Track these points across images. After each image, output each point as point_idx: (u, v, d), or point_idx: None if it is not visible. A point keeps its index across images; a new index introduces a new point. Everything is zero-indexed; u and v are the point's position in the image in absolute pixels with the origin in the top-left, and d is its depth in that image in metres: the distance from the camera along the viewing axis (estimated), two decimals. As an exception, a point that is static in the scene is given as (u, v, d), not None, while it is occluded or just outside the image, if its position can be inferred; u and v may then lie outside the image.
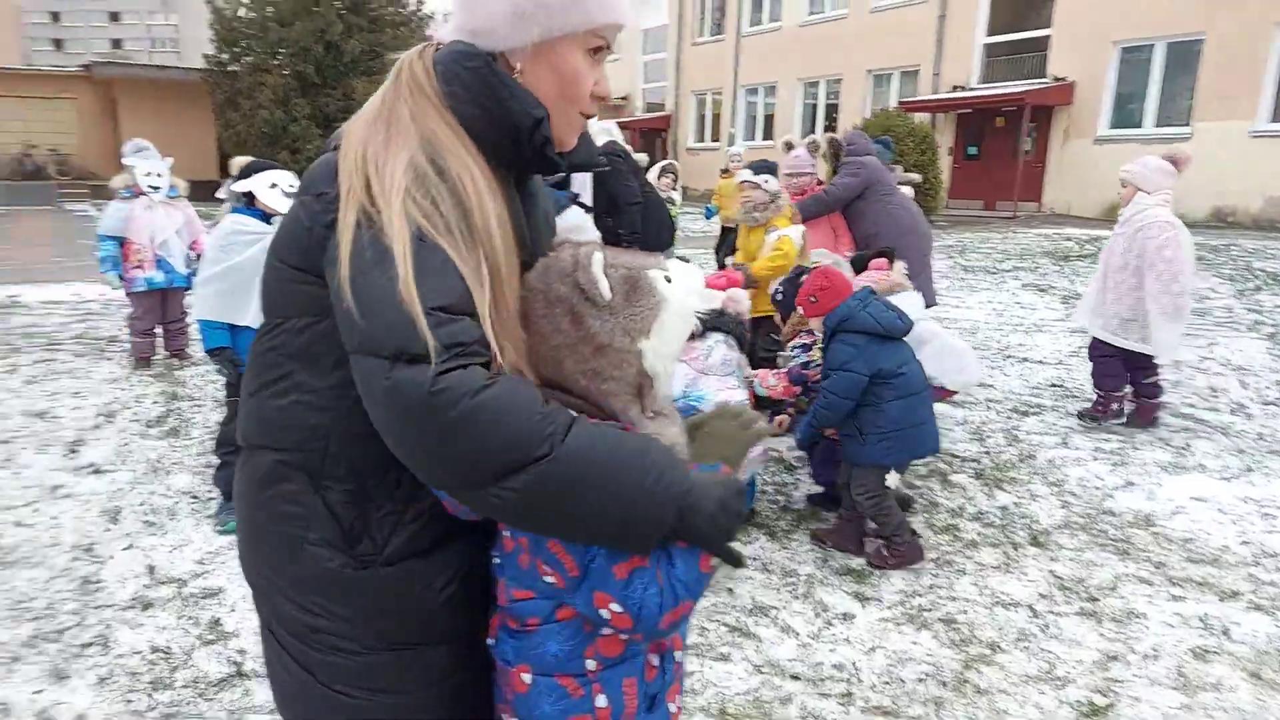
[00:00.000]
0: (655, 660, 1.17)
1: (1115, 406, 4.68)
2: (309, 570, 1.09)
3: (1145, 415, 4.63)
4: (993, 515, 3.57)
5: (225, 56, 21.70)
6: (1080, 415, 4.75)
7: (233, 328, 3.23)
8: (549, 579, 1.05)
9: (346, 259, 0.96)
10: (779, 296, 3.59)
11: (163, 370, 5.62)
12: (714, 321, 3.27)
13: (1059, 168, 16.76)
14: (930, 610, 2.83)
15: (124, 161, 5.51)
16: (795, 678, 2.46)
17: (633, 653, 1.13)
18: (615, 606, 1.02)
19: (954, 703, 2.35)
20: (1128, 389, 4.68)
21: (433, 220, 0.97)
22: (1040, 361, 5.98)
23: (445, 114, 1.05)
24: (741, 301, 3.53)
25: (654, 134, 28.93)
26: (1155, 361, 4.60)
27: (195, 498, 3.57)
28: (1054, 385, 5.44)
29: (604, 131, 3.79)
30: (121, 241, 5.42)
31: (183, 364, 5.77)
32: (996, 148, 18.28)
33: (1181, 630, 2.72)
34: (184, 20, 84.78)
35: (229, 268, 3.19)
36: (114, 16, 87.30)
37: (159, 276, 5.45)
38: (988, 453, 4.28)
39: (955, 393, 3.99)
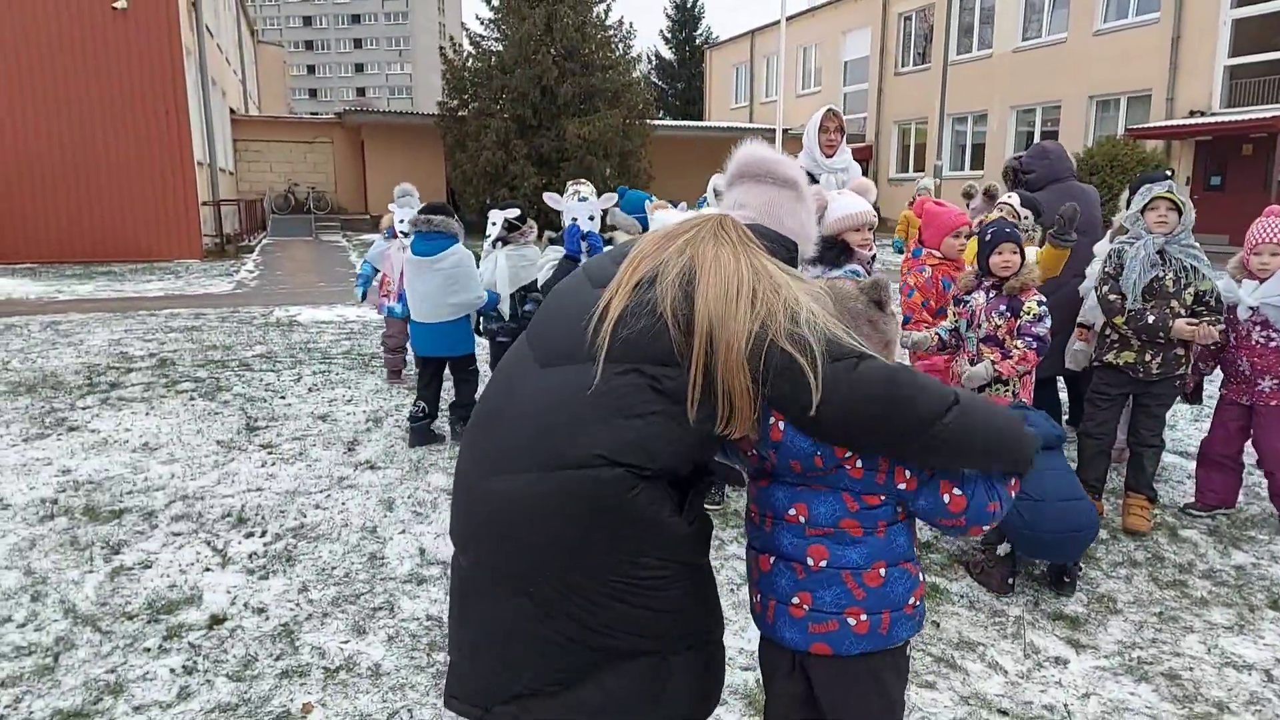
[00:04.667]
0: None
1: None
2: None
3: None
4: (1226, 574, 3.40)
5: (455, 103, 23.80)
6: None
7: None
8: (902, 485, 1.55)
9: None
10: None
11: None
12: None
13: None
14: (1151, 664, 2.78)
15: (390, 206, 6.24)
16: (1004, 713, 2.51)
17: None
18: (956, 491, 1.56)
19: (1176, 756, 2.33)
20: None
21: None
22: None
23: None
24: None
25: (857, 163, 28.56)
26: None
27: (449, 493, 4.11)
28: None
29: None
30: (378, 270, 6.26)
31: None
32: (1243, 178, 16.67)
33: None
34: (417, 70, 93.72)
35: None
36: (359, 68, 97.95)
37: (399, 308, 5.91)
38: (1224, 509, 4.03)
39: None
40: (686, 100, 45.76)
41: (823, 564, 1.58)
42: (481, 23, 23.60)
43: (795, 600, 1.60)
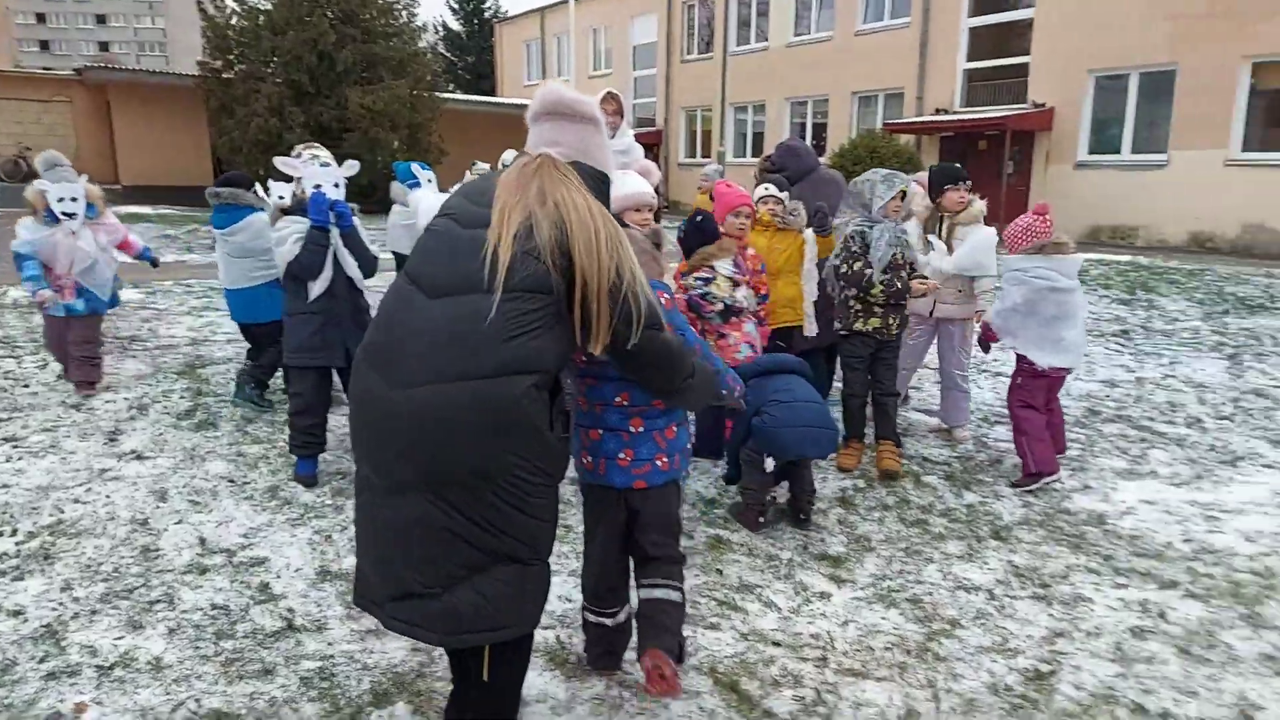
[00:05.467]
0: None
1: None
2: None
3: None
4: (959, 512, 3.94)
5: (219, 64, 21.92)
6: None
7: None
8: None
9: None
10: (681, 235, 4.13)
11: (185, 369, 5.92)
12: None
13: (1041, 191, 17.26)
14: (899, 591, 3.18)
15: (36, 184, 5.03)
16: (777, 644, 2.80)
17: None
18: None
19: (916, 667, 2.69)
20: None
21: None
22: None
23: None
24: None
25: (646, 148, 29.28)
26: None
27: (232, 481, 3.89)
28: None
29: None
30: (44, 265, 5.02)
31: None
32: (981, 171, 18.77)
33: (1123, 613, 3.07)
34: (171, 25, 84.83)
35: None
36: (101, 19, 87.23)
37: (80, 304, 5.13)
38: (958, 457, 4.65)
39: None
40: (478, 74, 44.77)
41: (640, 429, 2.37)
42: (246, -24, 21.85)
43: (621, 456, 2.36)
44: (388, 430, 1.78)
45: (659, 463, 2.37)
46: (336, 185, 4.00)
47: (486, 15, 45.98)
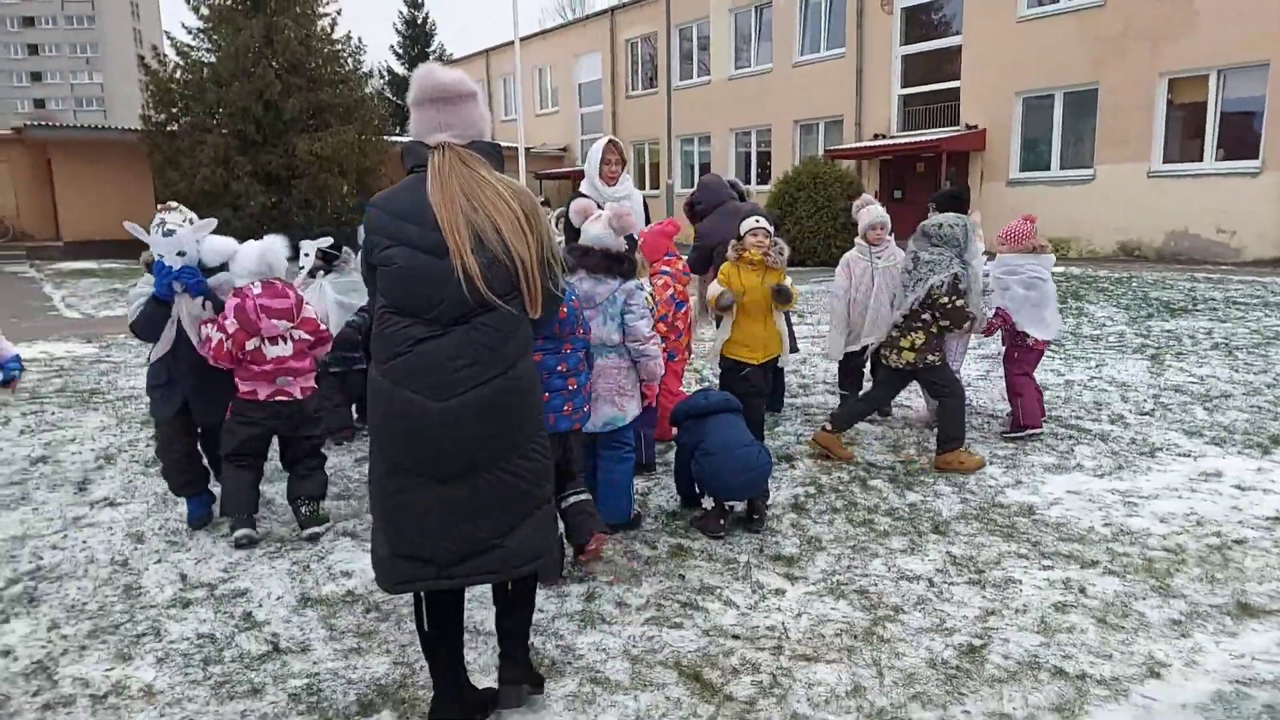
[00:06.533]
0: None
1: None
2: None
3: None
4: (902, 510, 4.21)
5: (162, 117, 21.86)
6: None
7: None
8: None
9: None
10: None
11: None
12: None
13: (978, 209, 17.94)
14: (847, 584, 3.42)
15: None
16: (736, 637, 3.01)
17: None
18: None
19: (862, 649, 2.93)
20: None
21: None
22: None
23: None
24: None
25: (595, 183, 29.70)
26: None
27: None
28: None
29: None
30: None
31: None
32: (921, 191, 19.52)
33: (1048, 591, 3.35)
34: (109, 78, 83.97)
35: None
36: (36, 76, 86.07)
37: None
38: (901, 462, 4.94)
39: None
40: (424, 118, 45.03)
41: (574, 387, 3.35)
42: (189, 31, 21.84)
43: (565, 409, 3.33)
44: (440, 431, 2.19)
45: (586, 409, 3.46)
46: (181, 254, 3.75)
47: (432, 58, 46.41)
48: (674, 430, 4.43)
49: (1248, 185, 14.63)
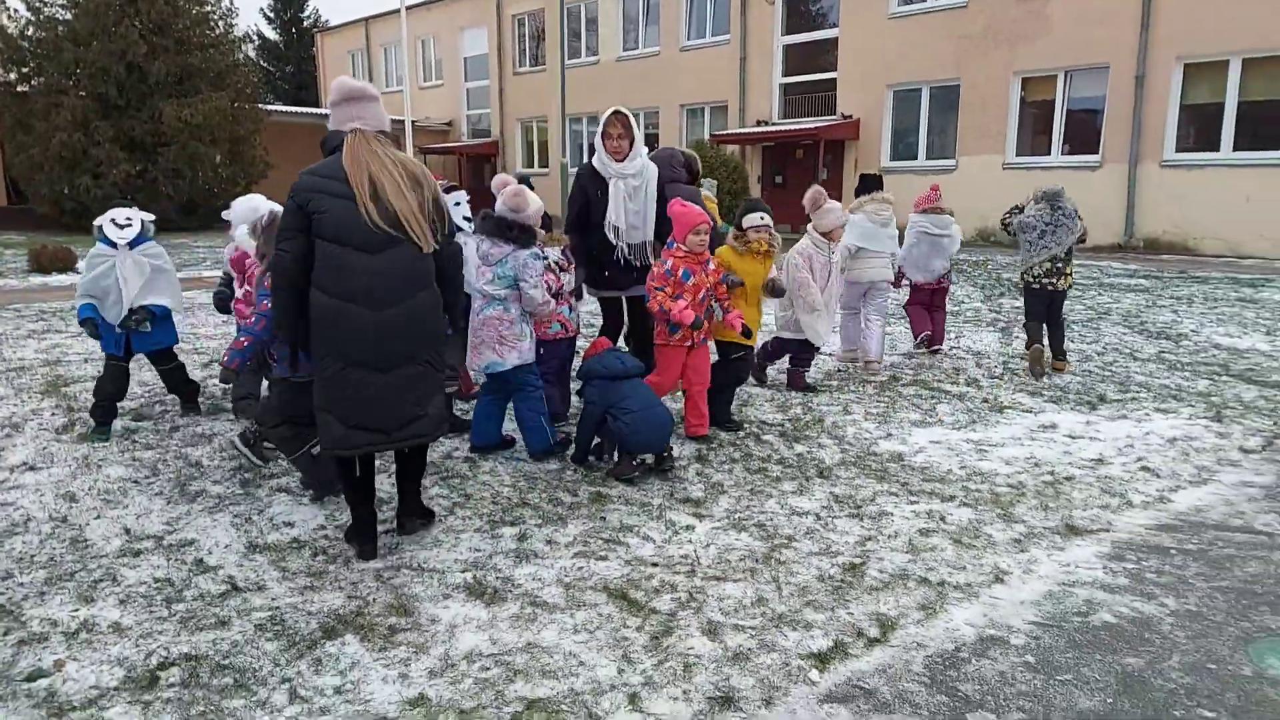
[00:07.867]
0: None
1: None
2: None
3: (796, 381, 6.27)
4: (791, 460, 4.73)
5: (13, 77, 20.40)
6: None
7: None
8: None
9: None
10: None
11: (48, 388, 5.88)
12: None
13: (851, 195, 18.97)
14: (748, 520, 3.90)
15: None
16: (655, 565, 3.43)
17: None
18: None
19: (763, 570, 3.40)
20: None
21: None
22: (829, 354, 7.36)
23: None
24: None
25: (483, 159, 29.53)
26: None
27: (136, 482, 4.10)
28: (839, 371, 6.81)
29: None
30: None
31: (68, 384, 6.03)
32: (799, 177, 20.44)
33: (914, 520, 3.92)
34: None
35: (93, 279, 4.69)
36: None
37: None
38: (789, 420, 5.48)
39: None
40: (298, 85, 43.23)
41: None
42: (42, -15, 20.42)
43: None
44: (377, 334, 3.07)
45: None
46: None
47: (306, 24, 44.46)
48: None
49: (1089, 178, 16.16)
